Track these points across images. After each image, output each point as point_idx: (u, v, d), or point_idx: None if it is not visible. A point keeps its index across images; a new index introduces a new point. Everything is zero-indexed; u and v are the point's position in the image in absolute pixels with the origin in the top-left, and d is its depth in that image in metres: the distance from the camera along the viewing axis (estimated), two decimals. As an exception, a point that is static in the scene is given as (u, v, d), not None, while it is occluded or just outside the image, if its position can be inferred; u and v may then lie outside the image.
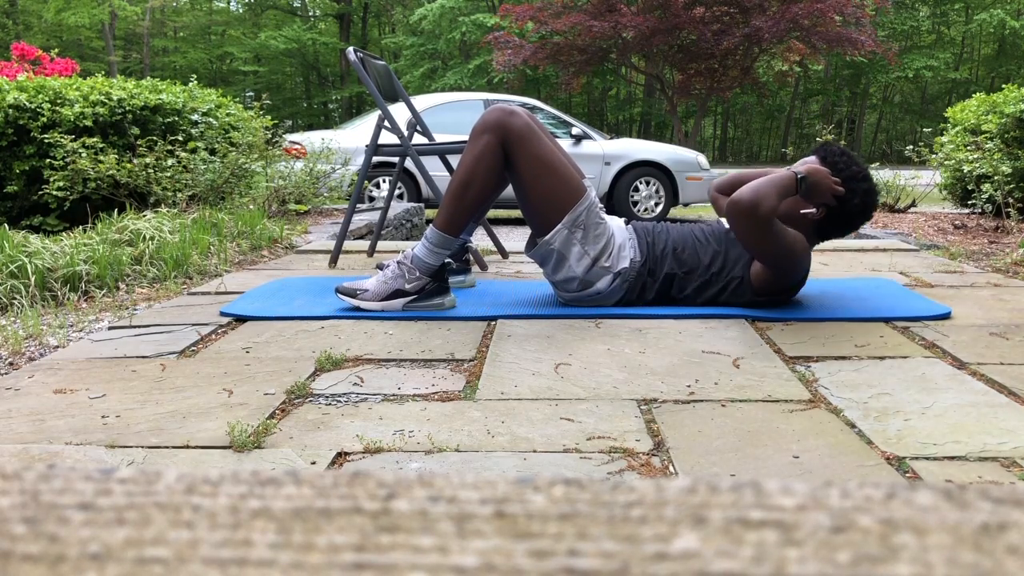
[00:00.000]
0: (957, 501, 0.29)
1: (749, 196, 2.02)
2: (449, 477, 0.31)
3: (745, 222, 2.04)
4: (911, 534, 0.27)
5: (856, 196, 2.16)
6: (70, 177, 3.97)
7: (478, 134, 2.14)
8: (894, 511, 0.28)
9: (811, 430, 1.31)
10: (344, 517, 0.28)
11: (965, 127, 5.20)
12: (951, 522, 0.27)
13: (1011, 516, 0.28)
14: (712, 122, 34.48)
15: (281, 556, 0.26)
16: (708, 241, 2.24)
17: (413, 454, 1.22)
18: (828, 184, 2.13)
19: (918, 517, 0.28)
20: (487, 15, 21.98)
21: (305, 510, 0.29)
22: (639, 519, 0.28)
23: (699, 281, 2.20)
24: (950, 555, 0.26)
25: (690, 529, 0.27)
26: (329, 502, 0.29)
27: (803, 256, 2.11)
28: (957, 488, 0.30)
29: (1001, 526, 0.27)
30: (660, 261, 2.22)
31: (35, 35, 27.09)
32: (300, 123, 31.06)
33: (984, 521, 0.27)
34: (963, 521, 0.27)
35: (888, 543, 0.26)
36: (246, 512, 0.29)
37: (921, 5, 27.24)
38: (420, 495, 0.30)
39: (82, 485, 0.30)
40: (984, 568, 0.25)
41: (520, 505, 0.29)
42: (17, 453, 1.23)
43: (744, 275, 2.18)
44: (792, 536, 0.27)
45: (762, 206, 2.00)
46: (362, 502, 0.29)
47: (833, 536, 0.27)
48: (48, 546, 0.27)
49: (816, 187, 2.13)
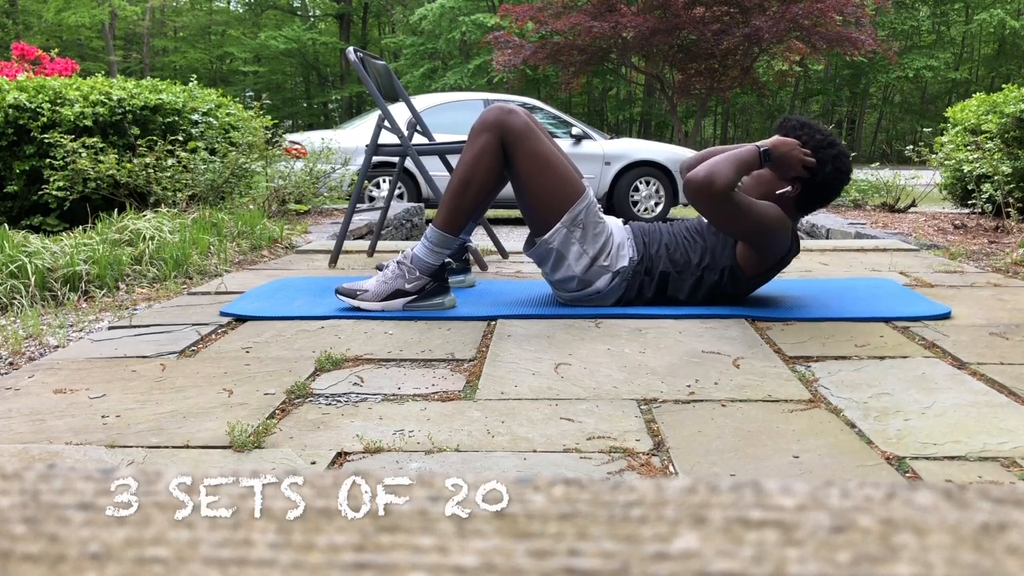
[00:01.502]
0: (957, 501, 0.29)
1: (703, 173, 2.00)
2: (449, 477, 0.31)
3: (703, 200, 2.02)
4: (911, 534, 0.27)
5: (827, 164, 2.13)
6: (70, 177, 3.97)
7: (477, 133, 2.14)
8: (894, 511, 0.28)
9: (811, 430, 1.31)
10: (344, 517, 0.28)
11: (965, 127, 5.20)
12: (951, 522, 0.27)
13: (1011, 516, 0.28)
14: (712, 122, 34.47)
15: (281, 556, 0.26)
16: (694, 238, 2.24)
17: (413, 454, 1.22)
18: (797, 155, 2.11)
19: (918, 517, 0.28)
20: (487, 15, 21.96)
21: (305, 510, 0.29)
22: (639, 519, 0.28)
23: (693, 279, 2.20)
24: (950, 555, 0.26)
25: (690, 529, 0.27)
26: (329, 502, 0.29)
27: (781, 227, 2.09)
28: (957, 488, 0.30)
29: (1001, 526, 0.27)
30: (655, 260, 2.22)
31: (35, 35, 27.07)
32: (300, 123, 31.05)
33: (984, 521, 0.27)
34: (963, 521, 0.27)
35: (888, 543, 0.26)
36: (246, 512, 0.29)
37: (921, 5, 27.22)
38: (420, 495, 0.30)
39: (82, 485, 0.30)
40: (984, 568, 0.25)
41: (520, 505, 0.29)
42: (17, 453, 1.23)
43: (732, 262, 2.17)
44: (792, 536, 0.27)
45: (717, 182, 1.99)
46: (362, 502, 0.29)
47: (833, 536, 0.27)
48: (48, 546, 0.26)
49: (784, 159, 2.11)
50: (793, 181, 2.15)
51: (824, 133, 2.15)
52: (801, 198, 2.19)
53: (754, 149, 2.09)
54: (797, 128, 2.17)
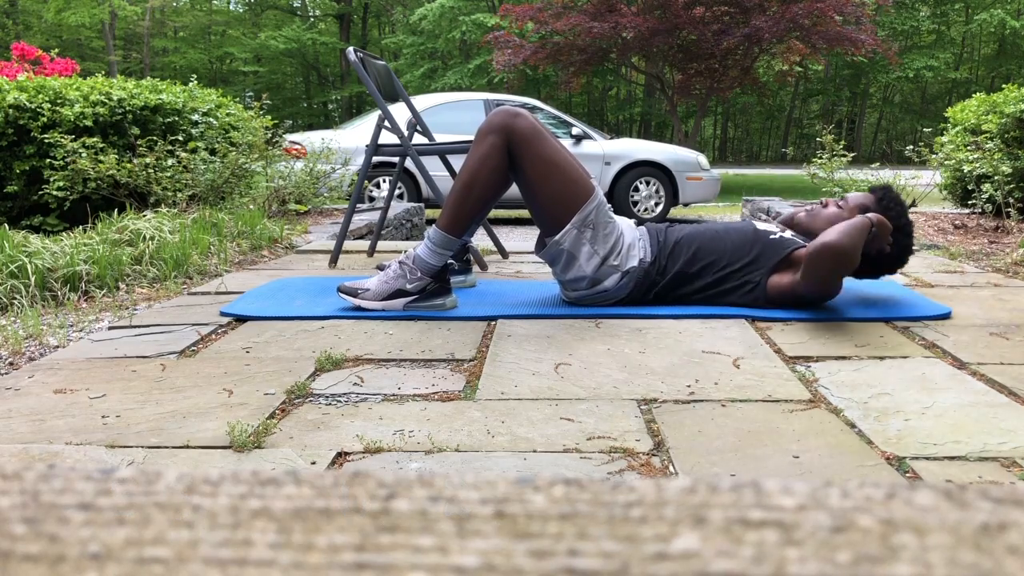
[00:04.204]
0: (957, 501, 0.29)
1: (850, 246, 1.98)
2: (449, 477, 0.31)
3: (838, 267, 2.01)
4: (911, 534, 0.27)
5: (897, 248, 2.18)
6: (70, 177, 3.97)
7: (483, 135, 2.14)
8: (894, 511, 0.28)
9: (811, 430, 1.31)
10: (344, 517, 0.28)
11: (965, 127, 5.20)
12: (951, 522, 0.27)
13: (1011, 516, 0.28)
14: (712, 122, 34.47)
15: (281, 556, 0.26)
16: (732, 237, 2.23)
17: (413, 454, 1.22)
18: (885, 238, 2.13)
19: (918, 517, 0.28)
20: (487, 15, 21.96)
21: (305, 510, 0.29)
22: (639, 519, 0.28)
23: (713, 276, 2.19)
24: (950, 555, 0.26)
25: (690, 529, 0.27)
26: (329, 502, 0.29)
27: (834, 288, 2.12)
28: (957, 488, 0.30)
29: (1001, 526, 0.27)
30: (671, 260, 2.21)
31: (35, 35, 27.08)
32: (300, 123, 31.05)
33: (984, 521, 0.27)
34: (963, 521, 0.27)
35: (888, 543, 0.26)
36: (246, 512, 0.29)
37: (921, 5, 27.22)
38: (420, 495, 0.30)
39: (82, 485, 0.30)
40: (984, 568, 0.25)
41: (520, 505, 0.29)
42: (17, 453, 1.23)
43: (762, 281, 2.16)
44: (792, 536, 0.27)
45: (854, 259, 2.00)
46: (362, 502, 0.29)
47: (833, 536, 0.27)
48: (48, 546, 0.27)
49: (875, 239, 2.12)
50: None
51: (908, 220, 2.20)
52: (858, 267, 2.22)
53: (868, 223, 2.05)
54: (894, 203, 2.21)
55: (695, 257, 2.21)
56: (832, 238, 1.97)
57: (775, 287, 2.15)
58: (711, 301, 2.23)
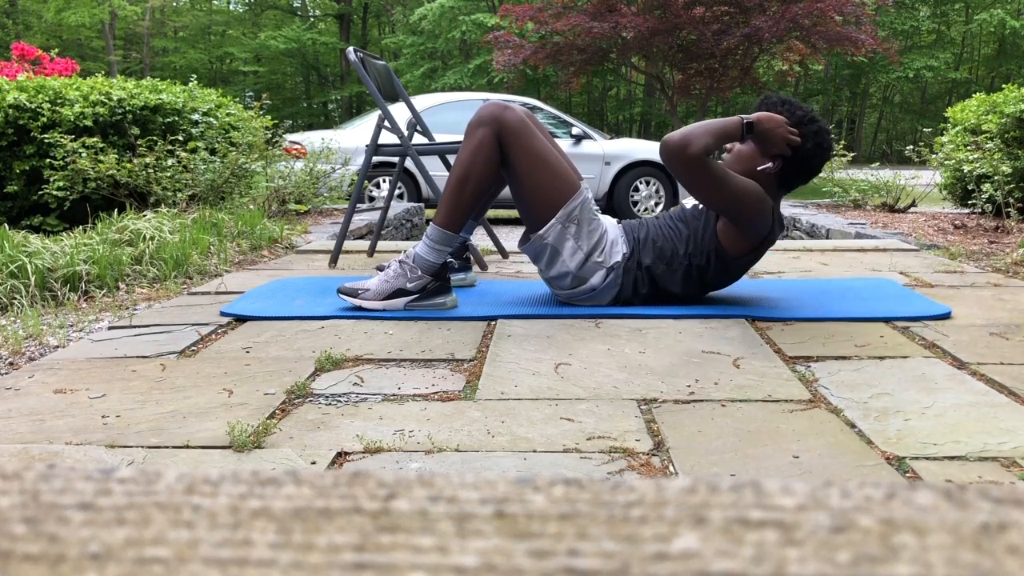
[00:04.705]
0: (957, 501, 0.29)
1: (679, 135, 2.01)
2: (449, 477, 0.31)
3: (677, 162, 2.02)
4: (911, 534, 0.27)
5: (808, 139, 2.14)
6: (70, 177, 3.97)
7: (473, 128, 2.15)
8: (894, 511, 0.28)
9: (811, 430, 1.31)
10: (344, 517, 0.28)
11: (965, 127, 5.20)
12: (951, 522, 0.27)
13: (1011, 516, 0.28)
14: (712, 122, 34.40)
15: (281, 556, 0.26)
16: (677, 226, 2.25)
17: (413, 454, 1.22)
18: (782, 132, 2.11)
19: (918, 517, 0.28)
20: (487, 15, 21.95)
21: (305, 510, 0.29)
22: (639, 519, 0.28)
23: (682, 269, 2.20)
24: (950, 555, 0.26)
25: (690, 529, 0.27)
26: (329, 502, 0.29)
27: (761, 203, 2.09)
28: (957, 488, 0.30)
29: (1001, 526, 0.27)
30: (642, 254, 2.23)
31: (35, 35, 27.06)
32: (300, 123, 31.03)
33: (984, 521, 0.27)
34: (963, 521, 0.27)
35: (888, 543, 0.26)
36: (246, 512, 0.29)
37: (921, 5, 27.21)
38: (420, 495, 0.30)
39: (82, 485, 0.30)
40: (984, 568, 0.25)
41: (520, 505, 0.29)
42: (17, 453, 1.23)
43: (716, 244, 2.17)
44: (792, 536, 0.27)
45: (691, 145, 1.99)
46: (362, 502, 0.29)
47: (833, 536, 0.27)
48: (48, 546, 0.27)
49: (768, 135, 2.11)
50: (774, 158, 2.16)
51: (805, 109, 2.16)
52: (782, 175, 2.19)
53: (737, 120, 2.08)
54: (779, 105, 2.17)
55: (660, 253, 2.22)
56: (666, 136, 2.04)
57: (725, 238, 2.16)
58: (702, 291, 2.23)
